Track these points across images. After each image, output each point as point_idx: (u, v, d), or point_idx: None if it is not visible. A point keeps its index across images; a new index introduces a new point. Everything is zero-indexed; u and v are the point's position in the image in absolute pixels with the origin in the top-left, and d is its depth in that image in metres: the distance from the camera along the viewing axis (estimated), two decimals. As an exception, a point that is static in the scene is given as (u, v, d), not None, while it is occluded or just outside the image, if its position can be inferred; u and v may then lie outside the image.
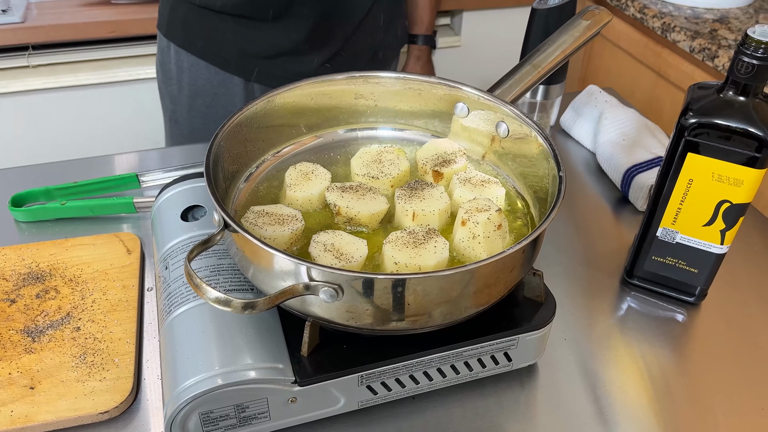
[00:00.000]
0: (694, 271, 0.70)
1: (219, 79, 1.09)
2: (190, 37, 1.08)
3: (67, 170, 0.90)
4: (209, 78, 1.09)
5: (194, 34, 1.07)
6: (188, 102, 1.12)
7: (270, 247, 0.49)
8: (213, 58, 1.08)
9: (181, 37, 1.08)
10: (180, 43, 1.08)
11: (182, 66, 1.10)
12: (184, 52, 1.08)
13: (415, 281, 0.48)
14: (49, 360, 0.61)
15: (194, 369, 0.53)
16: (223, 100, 1.12)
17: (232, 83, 1.09)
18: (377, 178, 0.66)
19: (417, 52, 1.45)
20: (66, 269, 0.71)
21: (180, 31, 1.08)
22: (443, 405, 0.62)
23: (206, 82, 1.10)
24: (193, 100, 1.12)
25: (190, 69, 1.09)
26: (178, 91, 1.12)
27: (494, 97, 0.68)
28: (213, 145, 0.59)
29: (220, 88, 1.10)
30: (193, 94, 1.11)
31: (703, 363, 0.68)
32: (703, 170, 0.63)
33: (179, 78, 1.11)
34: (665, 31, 1.40)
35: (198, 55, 1.08)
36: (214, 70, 1.08)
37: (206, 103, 1.12)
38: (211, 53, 1.07)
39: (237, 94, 1.11)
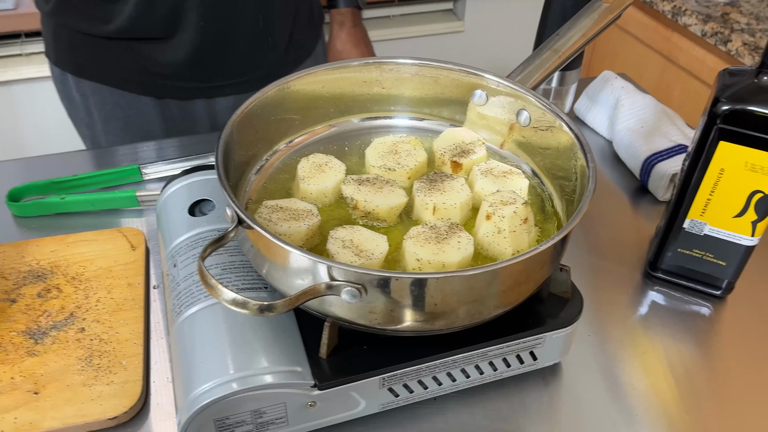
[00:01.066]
0: (722, 264, 0.67)
1: (126, 101, 0.99)
2: (83, 63, 0.97)
3: (65, 163, 0.87)
4: (116, 101, 0.99)
5: (86, 59, 0.97)
6: (103, 127, 1.03)
7: (288, 244, 0.46)
8: (114, 81, 0.98)
9: (73, 64, 0.98)
10: (74, 71, 0.99)
11: (85, 93, 1.00)
12: (83, 79, 0.98)
13: (443, 281, 0.45)
14: (54, 363, 0.58)
15: (208, 374, 0.50)
16: (137, 121, 1.02)
17: (142, 102, 1.00)
18: (394, 170, 0.63)
19: (339, 17, 1.23)
20: (68, 267, 0.68)
21: (71, 57, 0.98)
22: (466, 406, 0.60)
23: (115, 106, 1.00)
24: (107, 124, 1.02)
25: (93, 95, 0.99)
26: (88, 117, 1.03)
27: (516, 84, 0.65)
28: (223, 136, 0.56)
29: (131, 109, 1.00)
30: (104, 119, 1.02)
31: (730, 359, 0.66)
32: (735, 159, 0.60)
33: (86, 105, 1.02)
34: (675, 15, 1.37)
35: (97, 81, 0.98)
36: (118, 92, 0.98)
37: (120, 126, 1.02)
38: (110, 77, 0.97)
39: (150, 112, 1.02)
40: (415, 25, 1.73)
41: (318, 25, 1.17)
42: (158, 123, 1.04)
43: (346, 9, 1.21)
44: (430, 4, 1.76)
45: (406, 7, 1.74)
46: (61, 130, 1.58)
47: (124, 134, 1.05)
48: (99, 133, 1.06)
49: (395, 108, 0.71)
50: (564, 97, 0.92)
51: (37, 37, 1.50)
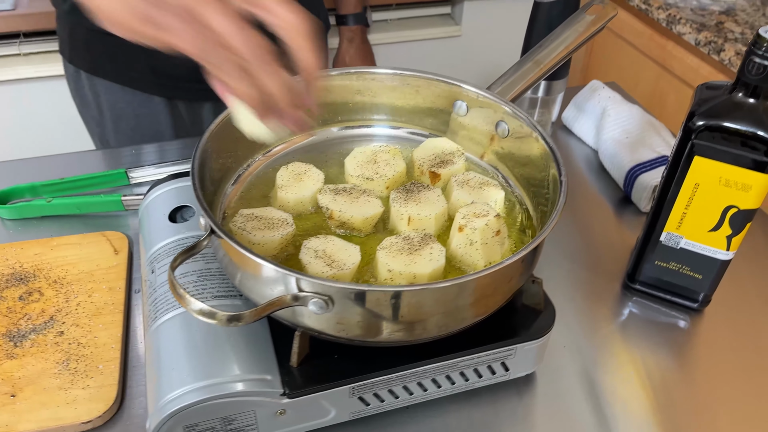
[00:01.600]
0: (698, 277, 0.67)
1: (138, 101, 1.01)
2: (97, 62, 0.98)
3: (54, 165, 0.87)
4: (128, 100, 1.01)
5: (101, 57, 0.98)
6: (113, 126, 1.04)
7: (257, 255, 0.46)
8: (127, 81, 0.99)
9: (87, 62, 0.99)
10: (88, 69, 1.00)
11: (97, 91, 1.01)
12: (96, 77, 1.00)
13: (409, 294, 0.46)
14: (32, 366, 0.59)
15: (179, 380, 0.51)
16: (147, 121, 1.04)
17: (153, 102, 1.01)
18: (372, 179, 0.63)
19: (349, 33, 1.34)
20: (51, 270, 0.69)
21: (86, 55, 0.99)
22: (438, 415, 0.60)
23: (126, 105, 1.01)
24: (117, 123, 1.04)
25: (106, 93, 1.01)
26: (99, 115, 1.05)
27: (494, 95, 0.65)
28: (200, 144, 0.57)
29: (142, 108, 1.02)
30: (115, 118, 1.03)
31: (706, 371, 0.66)
32: (710, 174, 0.60)
33: (97, 103, 1.03)
34: (670, 23, 1.37)
35: (110, 79, 0.99)
36: (130, 91, 0.99)
37: (131, 126, 1.03)
38: (123, 76, 0.98)
39: (160, 112, 1.03)
40: (412, 29, 1.73)
41: (324, 34, 1.19)
42: (167, 124, 1.05)
43: (356, 26, 1.28)
44: (428, 8, 1.77)
45: (403, 11, 1.74)
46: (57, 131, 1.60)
47: (133, 133, 1.06)
48: (108, 132, 1.07)
49: (376, 117, 0.71)
50: (551, 106, 0.92)
51: (35, 38, 1.51)
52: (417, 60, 1.77)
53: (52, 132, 1.59)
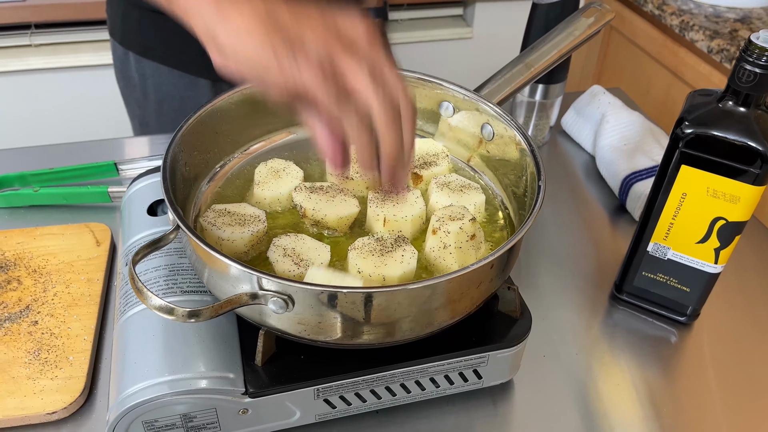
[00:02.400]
0: (686, 290, 0.65)
1: (185, 83, 1.03)
2: (148, 44, 1.01)
3: (47, 155, 0.88)
4: (174, 82, 1.03)
5: (152, 40, 1.00)
6: (156, 108, 1.07)
7: (216, 251, 0.46)
8: (176, 63, 1.01)
9: (139, 44, 1.02)
10: (139, 51, 1.02)
11: (144, 73, 1.04)
12: (145, 59, 1.02)
13: (367, 296, 0.45)
14: (2, 354, 0.59)
15: (141, 374, 0.50)
16: (192, 103, 1.05)
17: (199, 85, 1.03)
18: (352, 178, 0.62)
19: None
20: (31, 259, 0.69)
21: (137, 38, 1.01)
22: (410, 421, 0.59)
23: (172, 87, 1.04)
24: (160, 105, 1.06)
25: (153, 75, 1.03)
26: (143, 98, 1.07)
27: (479, 97, 0.64)
28: (176, 137, 0.56)
29: (187, 91, 1.04)
30: (160, 100, 1.06)
31: (693, 386, 0.64)
32: (697, 184, 0.58)
33: (143, 85, 1.06)
34: (683, 30, 1.34)
35: (159, 62, 1.01)
36: (178, 74, 1.02)
37: (174, 107, 1.05)
38: (173, 58, 1.01)
39: (205, 95, 1.05)
40: (423, 29, 1.72)
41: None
42: None
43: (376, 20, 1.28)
44: (440, 9, 1.75)
45: (415, 11, 1.73)
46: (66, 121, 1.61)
47: (176, 115, 1.07)
48: (150, 114, 1.09)
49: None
50: (548, 110, 0.91)
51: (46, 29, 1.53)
52: (427, 61, 1.76)
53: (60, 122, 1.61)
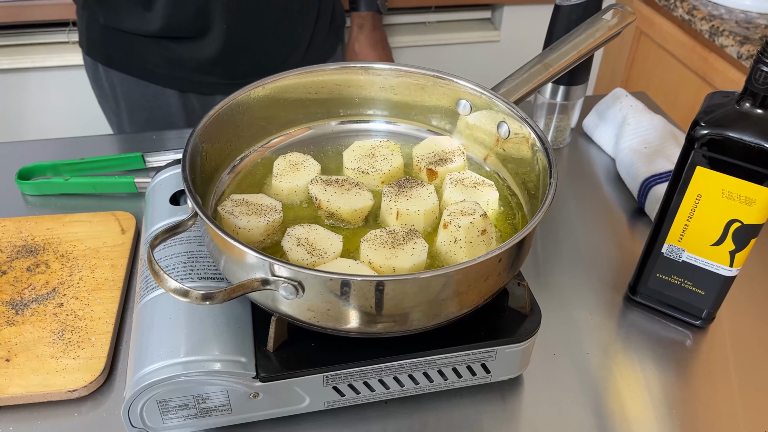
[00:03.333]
0: (701, 293, 0.65)
1: (152, 93, 1.05)
2: (112, 54, 1.03)
3: (79, 146, 0.91)
4: (142, 92, 1.05)
5: (115, 50, 1.02)
6: (128, 117, 1.09)
7: (231, 237, 0.47)
8: (140, 73, 1.03)
9: (102, 55, 1.04)
10: (103, 61, 1.04)
11: (113, 82, 1.06)
12: (111, 69, 1.04)
13: (375, 284, 0.46)
14: (29, 334, 0.62)
15: (157, 355, 0.52)
16: (160, 113, 1.07)
17: (166, 95, 1.05)
18: (367, 173, 0.63)
19: (359, 20, 1.29)
20: (59, 244, 0.72)
21: (101, 48, 1.04)
22: (418, 412, 0.60)
23: (140, 97, 1.05)
24: (132, 114, 1.08)
25: (120, 85, 1.05)
26: (116, 106, 1.09)
27: (496, 96, 0.64)
28: (198, 128, 0.58)
29: (155, 101, 1.05)
30: (130, 109, 1.07)
31: (707, 390, 0.64)
32: (712, 186, 0.58)
33: (114, 94, 1.07)
34: (713, 35, 1.33)
35: (124, 72, 1.03)
36: (144, 84, 1.04)
37: (145, 116, 1.07)
38: (137, 68, 1.03)
39: (173, 104, 1.07)
40: (450, 32, 1.73)
41: (339, 27, 1.19)
42: (180, 116, 1.09)
43: (367, 12, 1.26)
44: (468, 12, 1.76)
45: (442, 14, 1.74)
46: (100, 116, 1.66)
47: (147, 124, 1.10)
48: (125, 122, 1.12)
49: (380, 113, 0.71)
50: (569, 111, 0.91)
51: (84, 26, 1.57)
52: (454, 64, 1.77)
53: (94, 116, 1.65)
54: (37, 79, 1.58)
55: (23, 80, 1.58)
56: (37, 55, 1.54)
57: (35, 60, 1.54)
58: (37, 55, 1.54)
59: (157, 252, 0.61)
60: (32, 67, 1.55)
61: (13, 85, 1.58)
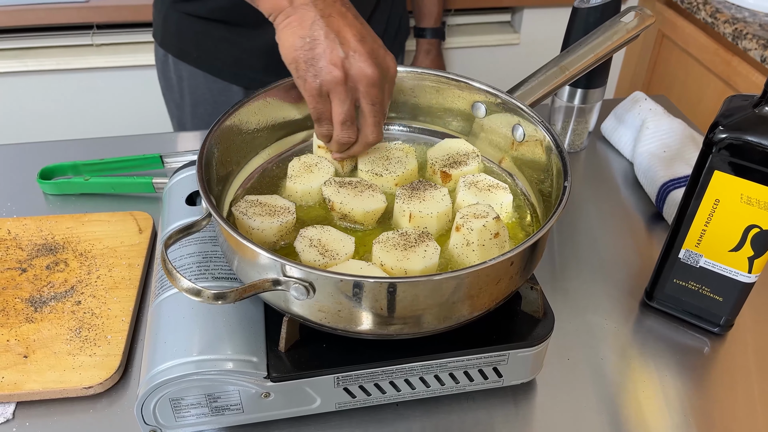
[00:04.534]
0: (719, 299, 0.64)
1: (218, 88, 1.07)
2: (184, 47, 1.05)
3: (99, 147, 0.92)
4: (208, 87, 1.07)
5: (188, 44, 1.05)
6: (191, 110, 1.11)
7: (243, 238, 0.48)
8: (209, 68, 1.05)
9: (176, 47, 1.06)
10: (175, 53, 1.07)
11: (181, 75, 1.08)
12: (182, 62, 1.07)
13: (385, 286, 0.46)
14: (47, 331, 0.63)
15: (171, 353, 0.53)
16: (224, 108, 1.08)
17: (231, 92, 1.07)
18: (381, 175, 0.64)
19: (426, 46, 1.41)
20: (78, 243, 0.73)
21: (174, 41, 1.06)
22: (429, 415, 0.60)
23: (206, 91, 1.08)
24: (195, 108, 1.10)
25: (189, 78, 1.07)
26: (180, 98, 1.11)
27: (511, 98, 0.64)
28: (212, 131, 0.59)
29: (221, 96, 1.07)
30: (194, 103, 1.10)
31: (726, 399, 0.63)
32: (730, 191, 0.57)
33: (180, 87, 1.10)
34: (736, 38, 1.31)
35: (194, 65, 1.05)
36: (212, 79, 1.06)
37: (208, 111, 1.09)
38: (206, 63, 1.05)
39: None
40: (470, 35, 1.72)
41: (402, 41, 1.24)
42: None
43: (433, 40, 1.35)
44: (487, 15, 1.75)
45: (462, 17, 1.74)
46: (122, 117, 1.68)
47: (210, 119, 1.12)
48: (186, 115, 1.14)
49: (395, 115, 0.71)
50: (587, 115, 0.90)
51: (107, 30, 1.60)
52: (474, 66, 1.76)
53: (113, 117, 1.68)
54: (61, 81, 1.61)
55: (48, 82, 1.61)
56: (62, 57, 1.57)
57: (60, 62, 1.57)
58: (62, 57, 1.57)
59: (172, 252, 0.61)
60: (57, 69, 1.58)
61: (37, 87, 1.61)
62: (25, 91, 1.62)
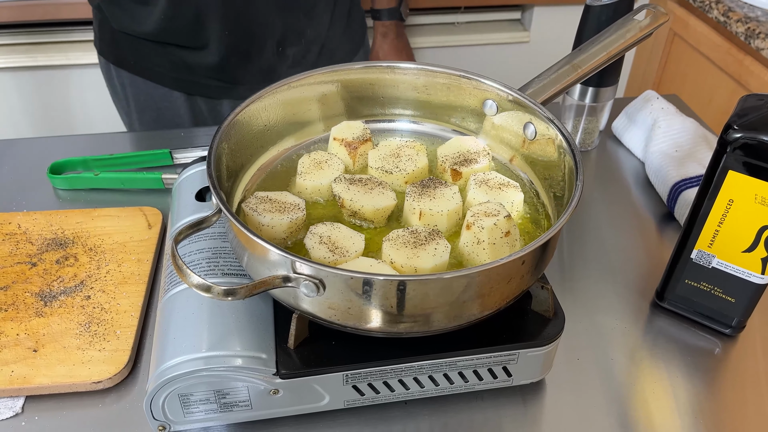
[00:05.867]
0: (731, 300, 0.64)
1: (159, 95, 1.07)
2: (122, 55, 1.05)
3: (109, 142, 0.92)
4: (150, 93, 1.07)
5: (125, 52, 1.05)
6: (138, 116, 1.11)
7: (254, 234, 0.47)
8: (148, 75, 1.05)
9: (114, 56, 1.06)
10: (114, 61, 1.07)
11: (124, 82, 1.08)
12: (122, 70, 1.07)
13: (394, 283, 0.46)
14: (56, 325, 0.63)
15: (180, 349, 0.53)
16: (169, 114, 1.09)
17: (173, 97, 1.06)
18: (391, 173, 0.63)
19: (382, 29, 1.31)
20: (88, 238, 0.73)
21: (112, 49, 1.06)
22: (439, 414, 0.60)
23: (148, 98, 1.08)
24: (141, 114, 1.10)
25: (130, 86, 1.07)
26: (127, 105, 1.11)
27: (523, 96, 0.64)
28: (221, 127, 0.59)
29: (163, 102, 1.07)
30: (140, 110, 1.10)
31: (737, 401, 0.62)
32: (745, 191, 0.57)
33: (125, 94, 1.10)
34: (749, 38, 1.30)
35: (133, 72, 1.05)
36: (152, 85, 1.06)
37: (153, 117, 1.09)
38: (145, 70, 1.05)
39: (180, 106, 1.08)
40: (479, 33, 1.72)
41: (357, 33, 1.20)
42: (188, 117, 1.11)
43: (390, 22, 1.28)
44: (497, 13, 1.75)
45: (472, 14, 1.73)
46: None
47: (156, 124, 1.13)
48: (135, 122, 1.15)
49: (406, 112, 0.71)
50: (598, 114, 0.89)
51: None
52: (483, 64, 1.76)
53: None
54: (70, 76, 1.61)
55: (57, 77, 1.61)
56: (71, 53, 1.57)
57: (69, 57, 1.57)
58: (71, 53, 1.57)
59: (182, 248, 0.61)
60: (65, 65, 1.58)
61: (47, 82, 1.62)
62: (35, 87, 1.62)
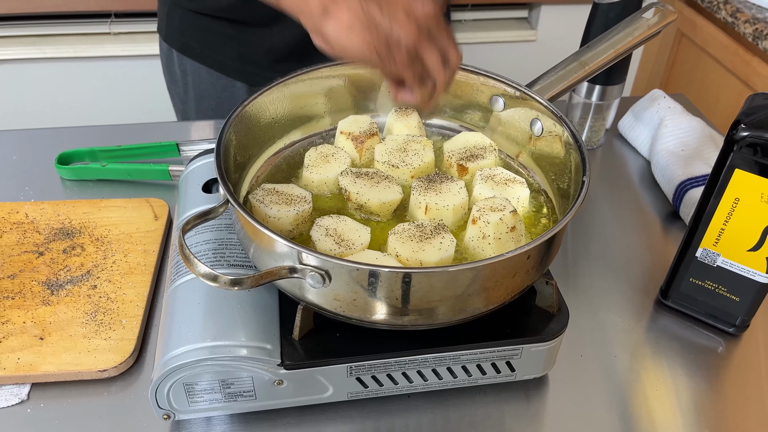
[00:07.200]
0: (736, 299, 0.64)
1: (222, 84, 1.06)
2: (188, 42, 1.04)
3: (116, 134, 0.93)
4: (212, 82, 1.06)
5: (192, 39, 1.04)
6: (195, 104, 1.10)
7: (261, 225, 0.48)
8: (212, 63, 1.04)
9: (179, 42, 1.05)
10: (179, 48, 1.06)
11: (185, 70, 1.07)
12: (185, 57, 1.06)
13: (399, 275, 0.46)
14: (63, 314, 0.63)
15: (185, 339, 0.53)
16: (228, 104, 1.07)
17: (235, 87, 1.05)
18: (397, 167, 0.63)
19: None
20: (95, 228, 0.73)
21: (178, 35, 1.05)
22: (441, 408, 0.60)
23: (209, 86, 1.07)
24: (199, 102, 1.09)
25: (192, 73, 1.06)
26: (184, 93, 1.11)
27: (530, 92, 0.64)
28: (230, 119, 0.59)
29: (224, 92, 1.06)
30: (198, 98, 1.09)
31: (740, 400, 0.62)
32: (751, 190, 0.57)
33: (184, 81, 1.09)
34: (756, 39, 1.29)
35: (198, 60, 1.04)
36: (216, 74, 1.05)
37: (212, 106, 1.08)
38: (210, 58, 1.04)
39: (241, 97, 1.03)
40: (486, 31, 1.72)
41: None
42: None
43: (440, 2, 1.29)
44: (504, 11, 1.75)
45: (479, 12, 1.73)
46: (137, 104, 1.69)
47: (213, 114, 1.11)
48: (190, 110, 1.14)
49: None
50: (605, 112, 0.89)
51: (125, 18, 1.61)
52: (490, 62, 1.75)
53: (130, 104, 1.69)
54: (80, 68, 1.62)
55: (66, 69, 1.62)
56: (80, 45, 1.58)
57: (77, 50, 1.58)
58: (80, 45, 1.58)
59: (189, 238, 0.62)
60: (75, 57, 1.59)
61: (57, 73, 1.63)
62: (44, 78, 1.63)
